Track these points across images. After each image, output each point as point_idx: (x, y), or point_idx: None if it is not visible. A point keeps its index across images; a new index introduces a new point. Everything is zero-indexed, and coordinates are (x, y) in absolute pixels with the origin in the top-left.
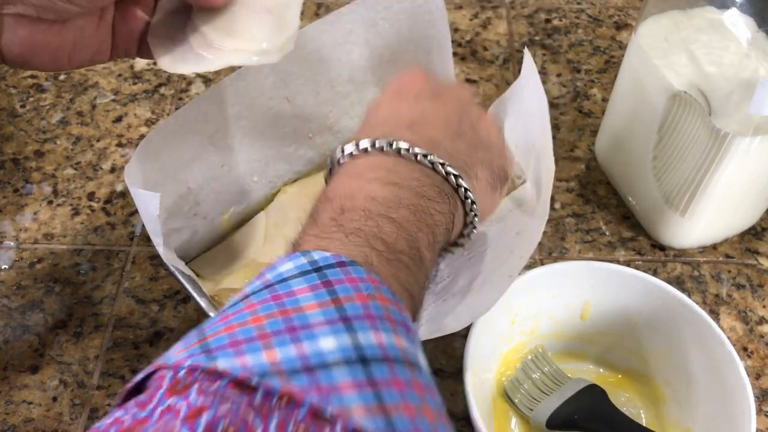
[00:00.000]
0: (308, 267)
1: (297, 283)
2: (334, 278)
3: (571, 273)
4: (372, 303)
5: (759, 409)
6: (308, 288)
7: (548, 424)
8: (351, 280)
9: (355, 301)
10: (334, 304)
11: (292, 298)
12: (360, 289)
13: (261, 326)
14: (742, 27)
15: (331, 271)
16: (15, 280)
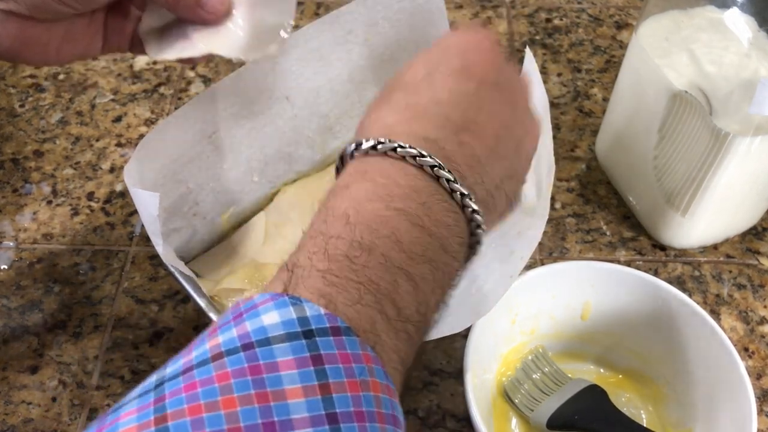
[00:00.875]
0: (297, 327)
1: (281, 352)
2: (326, 353)
3: (571, 273)
4: (364, 395)
5: (760, 410)
6: (294, 362)
7: (548, 424)
8: (344, 358)
9: (346, 391)
10: (322, 394)
11: (273, 376)
12: (353, 374)
13: (233, 416)
14: (742, 26)
15: (323, 340)
16: (14, 280)
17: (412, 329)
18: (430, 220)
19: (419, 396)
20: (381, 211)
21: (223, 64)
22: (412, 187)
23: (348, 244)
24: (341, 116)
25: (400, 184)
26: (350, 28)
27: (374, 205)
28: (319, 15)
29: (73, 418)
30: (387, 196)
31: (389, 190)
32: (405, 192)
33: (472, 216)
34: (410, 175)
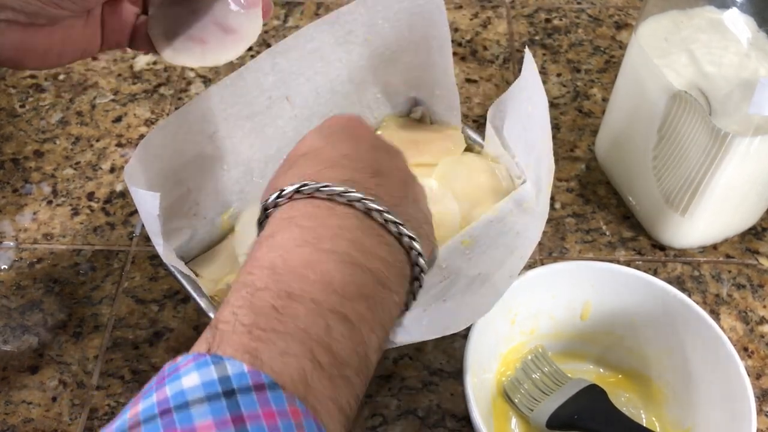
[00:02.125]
0: (217, 388)
1: (200, 415)
2: (248, 412)
3: (571, 273)
4: None
5: (759, 409)
6: (213, 425)
7: (548, 424)
8: (269, 415)
9: None
10: None
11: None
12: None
13: None
14: (742, 27)
15: (245, 399)
16: (14, 280)
17: (350, 373)
18: (363, 256)
19: (419, 396)
20: (309, 255)
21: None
22: (340, 226)
23: (275, 294)
24: None
25: (327, 224)
26: (350, 29)
27: (302, 250)
28: (319, 15)
29: (74, 418)
30: (314, 238)
31: (317, 233)
32: (333, 231)
33: (411, 244)
34: (338, 213)
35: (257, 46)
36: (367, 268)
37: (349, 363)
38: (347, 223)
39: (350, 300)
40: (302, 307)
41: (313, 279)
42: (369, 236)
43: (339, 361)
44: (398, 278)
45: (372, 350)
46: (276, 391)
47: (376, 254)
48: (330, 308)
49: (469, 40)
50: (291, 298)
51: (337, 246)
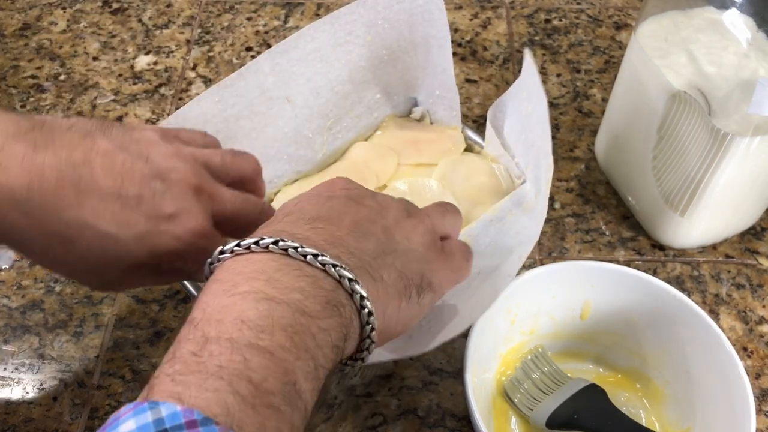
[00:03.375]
0: (152, 428)
1: None
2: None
3: (571, 273)
4: None
5: (759, 409)
6: None
7: (548, 423)
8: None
9: None
10: None
11: None
12: None
13: None
14: (741, 27)
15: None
16: (15, 280)
17: (277, 400)
18: (279, 291)
19: (419, 395)
20: (224, 301)
21: (223, 65)
22: (256, 271)
23: (194, 343)
24: (341, 116)
25: (243, 272)
26: (350, 29)
27: (218, 299)
28: (320, 15)
29: (74, 418)
30: (230, 287)
31: (232, 282)
32: (248, 277)
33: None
34: (255, 261)
35: (258, 46)
36: (282, 301)
37: (273, 392)
38: (264, 266)
39: (266, 332)
40: (217, 347)
41: (228, 321)
42: (286, 274)
43: (262, 391)
44: (323, 305)
45: (301, 378)
46: (208, 426)
47: (293, 287)
48: (246, 343)
49: (469, 40)
50: (208, 342)
51: (251, 287)
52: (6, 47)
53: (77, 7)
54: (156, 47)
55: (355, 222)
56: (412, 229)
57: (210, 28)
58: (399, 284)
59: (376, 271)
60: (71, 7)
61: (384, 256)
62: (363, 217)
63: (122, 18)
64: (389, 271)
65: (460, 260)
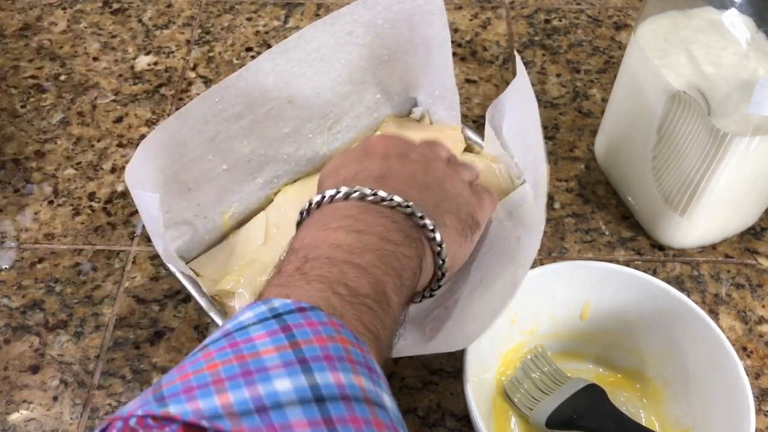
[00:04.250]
0: (268, 314)
1: (255, 330)
2: (293, 323)
3: (570, 273)
4: (332, 345)
5: (758, 409)
6: (266, 334)
7: (548, 423)
8: (310, 324)
9: (313, 343)
10: (292, 348)
11: (249, 344)
12: (319, 332)
13: (216, 372)
14: (741, 27)
15: (291, 316)
16: (16, 280)
17: (371, 302)
18: (365, 225)
19: (419, 395)
20: (319, 234)
21: (223, 65)
22: (343, 215)
23: (295, 263)
24: (341, 116)
25: (333, 215)
26: (350, 29)
27: (314, 233)
28: (320, 16)
29: (75, 418)
30: (324, 224)
31: (324, 221)
32: (338, 217)
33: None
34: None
35: (258, 46)
36: (369, 232)
37: (365, 294)
38: (349, 211)
39: (357, 253)
40: (319, 263)
41: (324, 246)
42: (369, 215)
43: (357, 294)
44: (403, 237)
45: (389, 289)
46: (315, 310)
47: (376, 222)
48: (341, 260)
49: (469, 40)
50: (308, 260)
51: (341, 224)
52: (6, 47)
53: (77, 7)
54: (156, 47)
55: (411, 177)
56: (455, 177)
57: (210, 28)
58: (458, 226)
59: (439, 217)
60: (71, 8)
61: (442, 204)
62: (417, 171)
63: (122, 18)
64: (449, 216)
65: (489, 198)
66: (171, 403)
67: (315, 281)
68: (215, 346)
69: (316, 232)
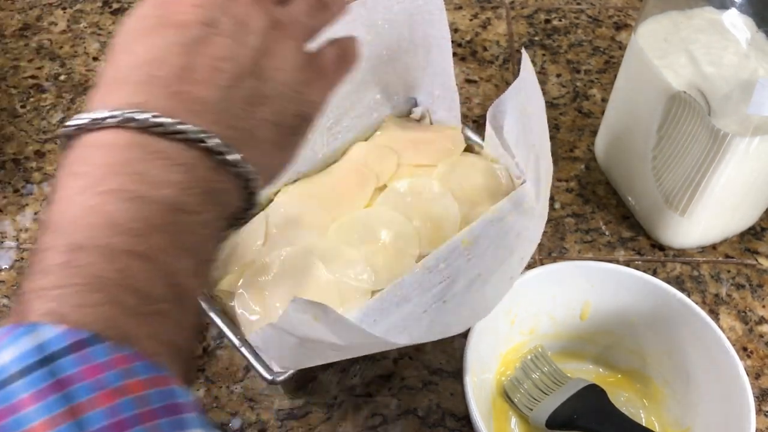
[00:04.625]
0: (34, 357)
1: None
2: (68, 374)
3: (571, 273)
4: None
5: (758, 409)
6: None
7: (548, 423)
8: (91, 371)
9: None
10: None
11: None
12: (104, 385)
13: None
14: (741, 27)
15: (66, 360)
16: (15, 280)
17: (166, 306)
18: (150, 186)
19: (419, 395)
20: (87, 201)
21: None
22: (118, 163)
23: (61, 251)
24: (341, 116)
25: (106, 162)
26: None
27: (80, 198)
28: None
29: None
30: (93, 182)
31: (92, 177)
32: (111, 170)
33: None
34: (116, 148)
35: None
36: (154, 199)
37: (158, 297)
38: (126, 156)
39: (141, 236)
40: (92, 255)
41: (98, 224)
42: (154, 166)
43: (146, 299)
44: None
45: (186, 277)
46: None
47: (164, 181)
48: (122, 250)
49: (469, 40)
50: (79, 250)
51: (117, 184)
52: (6, 47)
53: (77, 7)
54: None
55: (215, 68)
56: (282, 52)
57: None
58: (275, 137)
59: (250, 131)
60: (71, 8)
61: (255, 110)
62: (225, 54)
63: (122, 18)
64: (264, 127)
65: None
66: None
67: (91, 288)
68: None
69: (82, 198)
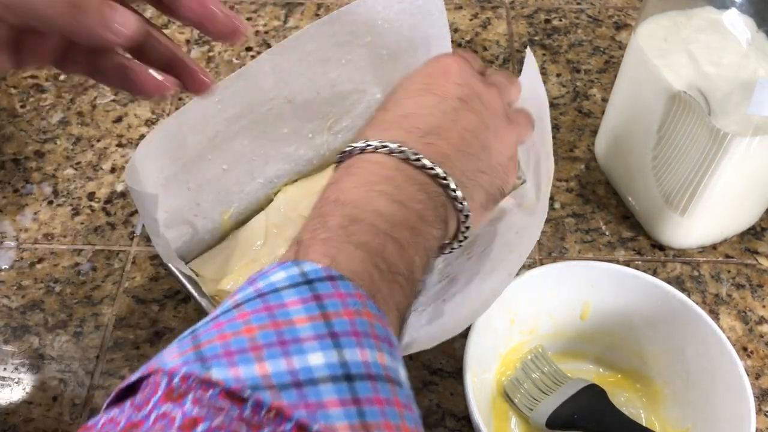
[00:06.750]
0: (299, 279)
1: (288, 295)
2: (324, 292)
3: (571, 273)
4: (359, 320)
5: (759, 409)
6: (299, 300)
7: (548, 423)
8: (340, 295)
9: (342, 317)
10: (323, 319)
11: (283, 310)
12: (348, 305)
13: (253, 338)
14: (741, 27)
15: (322, 284)
16: (15, 280)
17: (402, 280)
18: (405, 197)
19: (419, 395)
20: (363, 193)
21: (223, 65)
22: (386, 176)
23: (340, 218)
24: (341, 116)
25: (377, 173)
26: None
27: (358, 190)
28: (319, 16)
29: (74, 418)
30: (368, 183)
31: (369, 179)
32: (381, 179)
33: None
34: (385, 167)
35: (258, 46)
36: (408, 206)
37: (399, 272)
38: (392, 174)
39: (397, 227)
40: (362, 228)
41: (368, 209)
42: (409, 184)
43: (392, 269)
44: (435, 216)
45: (416, 269)
46: (344, 280)
47: (415, 198)
48: (383, 231)
49: (469, 40)
50: (352, 220)
51: (384, 189)
52: None
53: None
54: None
55: (461, 137)
56: (505, 140)
57: None
58: (484, 201)
59: (470, 190)
60: None
61: (478, 176)
62: (470, 127)
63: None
64: (479, 191)
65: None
66: (213, 365)
67: (359, 249)
68: (251, 307)
69: (360, 190)
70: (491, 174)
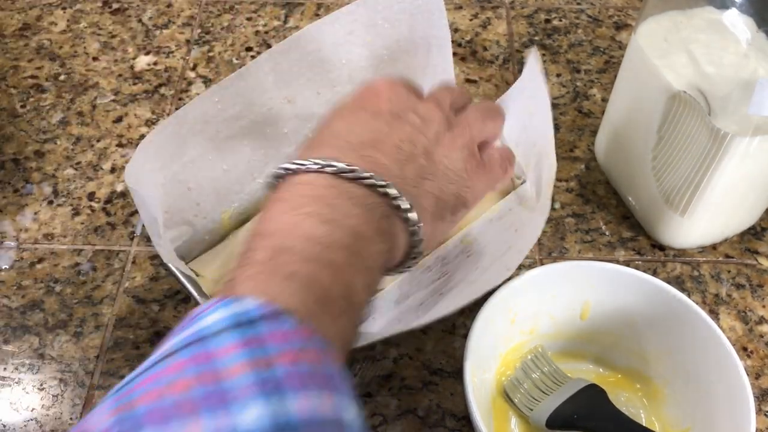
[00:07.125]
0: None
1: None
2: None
3: (571, 273)
4: (302, 363)
5: (759, 409)
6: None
7: (548, 423)
8: (282, 336)
9: (285, 362)
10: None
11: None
12: (291, 347)
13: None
14: (741, 27)
15: (262, 324)
16: (15, 280)
17: (343, 304)
18: (338, 215)
19: (419, 395)
20: (290, 219)
21: (223, 65)
22: (317, 196)
23: (265, 250)
24: None
25: (307, 194)
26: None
27: (285, 216)
28: (319, 16)
29: (74, 418)
30: (296, 206)
31: (297, 202)
32: (310, 200)
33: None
34: (316, 186)
35: (258, 46)
36: (342, 224)
37: (336, 297)
38: (324, 192)
39: (330, 249)
40: (293, 257)
41: (297, 235)
42: (341, 198)
43: (330, 295)
44: (373, 228)
45: (357, 291)
46: (287, 317)
47: (348, 212)
48: (314, 257)
49: (469, 40)
50: (282, 251)
51: (314, 210)
52: (6, 47)
53: (77, 7)
54: (156, 47)
55: (397, 146)
56: (451, 145)
57: (210, 28)
58: (435, 209)
59: (416, 198)
60: (71, 7)
61: (423, 182)
62: (405, 137)
63: (122, 18)
64: (427, 197)
65: (497, 170)
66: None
67: (288, 279)
68: (185, 355)
69: (286, 217)
70: (439, 180)
